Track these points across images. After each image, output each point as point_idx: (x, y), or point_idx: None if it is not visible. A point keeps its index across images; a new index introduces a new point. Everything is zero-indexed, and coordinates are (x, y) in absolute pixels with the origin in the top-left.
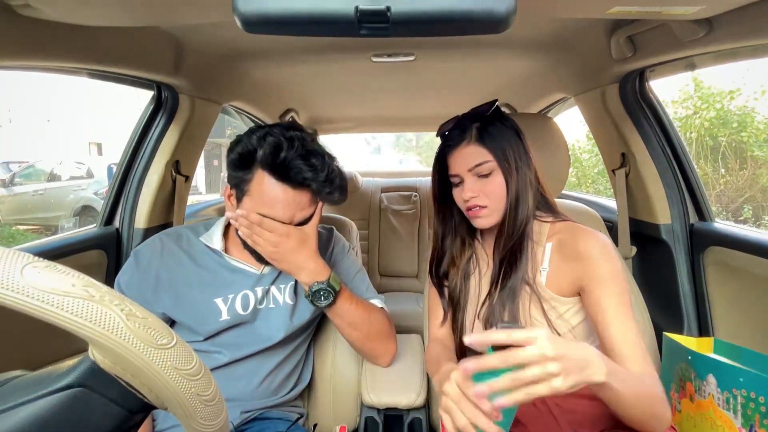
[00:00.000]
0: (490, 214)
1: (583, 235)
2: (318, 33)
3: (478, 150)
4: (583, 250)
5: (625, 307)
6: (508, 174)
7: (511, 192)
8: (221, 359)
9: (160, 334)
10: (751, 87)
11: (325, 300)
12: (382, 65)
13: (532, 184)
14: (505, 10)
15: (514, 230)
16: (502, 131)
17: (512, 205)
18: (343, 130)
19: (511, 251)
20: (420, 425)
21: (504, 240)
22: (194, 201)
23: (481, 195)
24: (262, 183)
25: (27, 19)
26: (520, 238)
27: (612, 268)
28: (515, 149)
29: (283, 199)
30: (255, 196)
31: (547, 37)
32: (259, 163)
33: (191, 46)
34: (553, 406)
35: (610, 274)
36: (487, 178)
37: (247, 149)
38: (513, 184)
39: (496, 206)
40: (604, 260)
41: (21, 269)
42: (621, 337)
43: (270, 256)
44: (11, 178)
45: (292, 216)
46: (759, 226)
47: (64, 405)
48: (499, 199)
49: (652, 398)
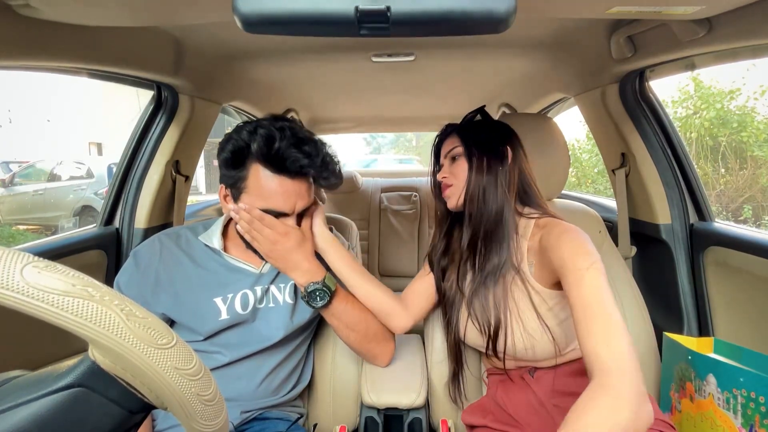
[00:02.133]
0: (456, 192)
1: (559, 229)
2: (318, 33)
3: (454, 139)
4: (555, 243)
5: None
6: (471, 161)
7: (474, 180)
8: (221, 359)
9: (160, 334)
10: (751, 87)
11: (320, 300)
12: (382, 65)
13: (509, 183)
14: (505, 10)
15: (482, 218)
16: (480, 130)
17: (477, 193)
18: (343, 130)
19: (485, 238)
20: (420, 425)
21: (473, 226)
22: (194, 201)
23: (450, 176)
24: (258, 177)
25: (27, 19)
26: (494, 226)
27: (579, 259)
28: (491, 148)
29: (283, 191)
30: (253, 191)
31: (547, 37)
32: (254, 158)
33: (191, 46)
34: (551, 408)
35: (576, 266)
36: (455, 162)
37: (239, 145)
38: (476, 174)
39: (460, 185)
40: (572, 252)
41: (21, 269)
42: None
43: (267, 254)
44: (11, 178)
45: (293, 206)
46: (759, 226)
47: (63, 405)
48: (462, 180)
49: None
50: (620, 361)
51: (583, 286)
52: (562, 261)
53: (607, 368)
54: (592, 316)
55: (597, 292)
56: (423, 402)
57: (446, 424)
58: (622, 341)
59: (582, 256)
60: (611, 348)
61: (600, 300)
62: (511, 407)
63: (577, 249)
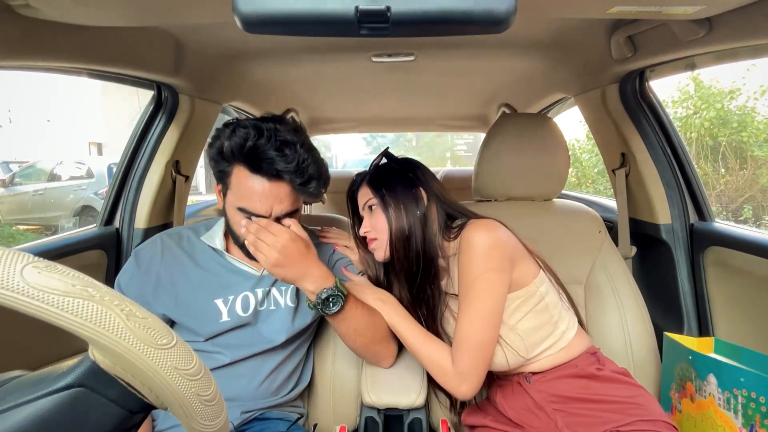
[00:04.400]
0: (381, 246)
1: (463, 232)
2: (318, 33)
3: (367, 190)
4: (458, 246)
5: (470, 299)
6: (388, 212)
7: (396, 229)
8: (222, 359)
9: (161, 334)
10: (751, 87)
11: (334, 306)
12: (382, 65)
13: (428, 217)
14: (505, 10)
15: (411, 262)
16: (389, 176)
17: (398, 237)
18: (343, 130)
19: (419, 280)
20: (420, 425)
21: (405, 271)
22: (194, 201)
23: (372, 230)
24: (239, 176)
25: (27, 19)
26: (424, 266)
27: (465, 259)
28: (400, 189)
29: (260, 192)
30: (234, 189)
31: (547, 37)
32: (235, 157)
33: (191, 46)
34: (551, 411)
35: (463, 268)
36: (373, 213)
37: (222, 143)
38: (396, 224)
39: (383, 238)
40: (462, 253)
41: (21, 269)
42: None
43: (274, 264)
44: (11, 178)
45: (270, 208)
46: (759, 226)
47: (64, 405)
48: (384, 232)
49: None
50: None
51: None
52: (459, 269)
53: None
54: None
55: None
56: (423, 402)
57: (446, 424)
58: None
59: (473, 266)
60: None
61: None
62: (510, 411)
63: (468, 259)
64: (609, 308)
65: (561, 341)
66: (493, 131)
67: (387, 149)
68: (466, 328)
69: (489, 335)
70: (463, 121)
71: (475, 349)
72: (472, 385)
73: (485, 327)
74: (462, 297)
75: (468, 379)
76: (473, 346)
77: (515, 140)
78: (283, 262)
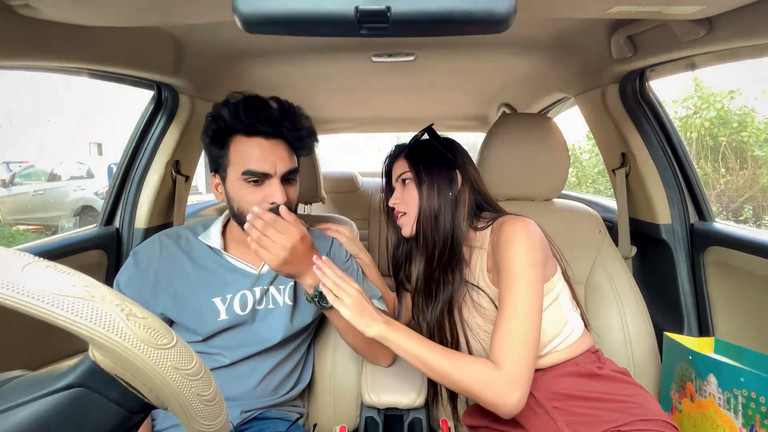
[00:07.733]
0: (408, 221)
1: (501, 225)
2: (318, 33)
3: (403, 163)
4: (496, 239)
5: (515, 292)
6: (421, 189)
7: (426, 207)
8: (221, 360)
9: (160, 334)
10: (751, 87)
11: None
12: (382, 65)
13: (461, 204)
14: (505, 10)
15: (435, 243)
16: (428, 152)
17: (426, 216)
18: (343, 130)
19: (438, 264)
20: (420, 425)
21: (426, 251)
22: (194, 201)
23: (402, 202)
24: (238, 146)
25: (27, 19)
26: (446, 251)
27: (509, 252)
28: (440, 172)
29: (261, 151)
30: (234, 160)
31: (547, 37)
32: (230, 131)
33: (191, 46)
34: (550, 409)
35: (508, 262)
36: (406, 187)
37: (218, 123)
38: (427, 201)
39: (412, 213)
40: (506, 246)
41: (21, 269)
42: (501, 328)
43: (284, 262)
44: (11, 178)
45: (274, 166)
46: (759, 226)
47: (64, 405)
48: (414, 207)
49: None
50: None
51: (513, 291)
52: (501, 262)
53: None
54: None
55: (522, 295)
56: (423, 402)
57: (446, 424)
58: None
59: (519, 260)
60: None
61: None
62: None
63: (514, 252)
64: (609, 308)
65: (568, 339)
66: (493, 131)
67: (431, 125)
68: (512, 322)
69: (535, 331)
70: (463, 121)
71: (522, 345)
72: (523, 391)
73: (532, 322)
74: (505, 291)
75: (518, 382)
76: (520, 342)
77: (515, 140)
78: (290, 260)
